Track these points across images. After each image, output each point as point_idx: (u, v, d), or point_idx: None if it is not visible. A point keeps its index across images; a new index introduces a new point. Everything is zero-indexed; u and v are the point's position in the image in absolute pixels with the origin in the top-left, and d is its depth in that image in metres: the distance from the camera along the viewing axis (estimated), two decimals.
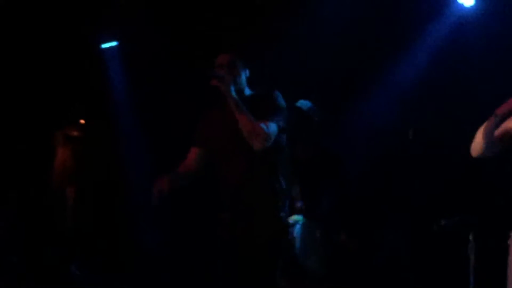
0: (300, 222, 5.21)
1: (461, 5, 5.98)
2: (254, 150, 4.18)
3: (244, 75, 4.41)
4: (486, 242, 5.15)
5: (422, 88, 6.19)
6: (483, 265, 5.09)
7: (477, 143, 3.93)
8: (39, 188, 7.10)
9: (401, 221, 6.17)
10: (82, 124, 7.20)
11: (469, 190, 5.79)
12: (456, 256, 5.31)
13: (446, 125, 6.05)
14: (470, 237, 5.11)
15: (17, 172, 7.12)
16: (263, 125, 4.15)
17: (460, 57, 6.06)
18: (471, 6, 5.95)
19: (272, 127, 4.20)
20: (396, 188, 6.24)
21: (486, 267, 5.12)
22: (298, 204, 5.33)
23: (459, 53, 6.09)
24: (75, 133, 7.21)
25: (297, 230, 5.19)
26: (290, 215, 4.53)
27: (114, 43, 7.25)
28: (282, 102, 4.36)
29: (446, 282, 5.72)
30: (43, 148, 7.15)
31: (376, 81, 6.41)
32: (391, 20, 6.24)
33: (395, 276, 6.10)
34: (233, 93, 4.22)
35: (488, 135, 3.87)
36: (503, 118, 3.82)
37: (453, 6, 6.06)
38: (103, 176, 7.25)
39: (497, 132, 3.86)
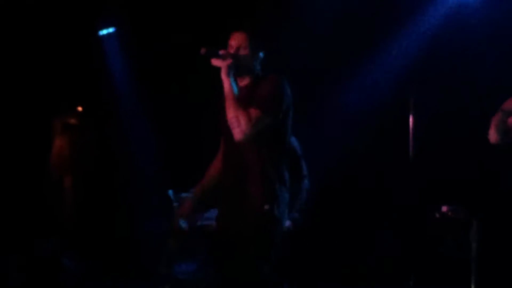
0: None
1: None
2: (235, 139, 4.09)
3: (256, 57, 4.24)
4: (488, 229, 5.11)
5: (418, 75, 6.16)
6: (485, 252, 5.05)
7: (492, 134, 3.92)
8: (37, 176, 7.08)
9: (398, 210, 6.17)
10: (80, 112, 7.17)
11: (469, 179, 5.75)
12: (457, 243, 5.27)
13: (443, 115, 6.02)
14: (473, 224, 5.06)
15: (15, 160, 7.09)
16: (249, 116, 4.02)
17: (458, 44, 6.01)
18: None
19: (261, 118, 4.06)
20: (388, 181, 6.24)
21: (488, 254, 5.09)
22: None
23: (457, 40, 6.04)
24: (73, 121, 7.18)
25: None
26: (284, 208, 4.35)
27: (112, 29, 7.19)
28: (280, 88, 4.20)
29: (447, 270, 5.69)
30: (41, 136, 7.13)
31: (369, 68, 6.38)
32: (386, 5, 6.19)
33: (394, 266, 6.08)
34: (230, 76, 4.10)
35: (500, 128, 3.86)
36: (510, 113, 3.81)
37: None
38: (101, 164, 7.22)
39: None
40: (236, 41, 4.15)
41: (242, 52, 4.12)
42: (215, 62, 4.07)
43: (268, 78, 4.15)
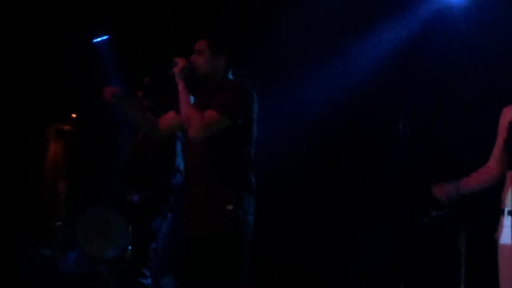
0: None
1: None
2: (188, 137, 4.19)
3: (217, 61, 4.33)
4: (478, 234, 5.15)
5: (405, 74, 6.17)
6: (474, 256, 5.08)
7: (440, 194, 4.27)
8: (31, 183, 7.12)
9: (386, 215, 6.18)
10: (74, 118, 7.22)
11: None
12: (446, 247, 5.31)
13: (430, 117, 6.04)
14: (461, 229, 5.10)
15: (9, 167, 7.13)
16: (202, 117, 4.11)
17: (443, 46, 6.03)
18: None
19: (216, 121, 4.14)
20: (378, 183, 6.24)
21: (477, 258, 5.12)
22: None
23: (441, 44, 6.06)
24: (67, 128, 7.25)
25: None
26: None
27: (105, 37, 7.25)
28: (243, 95, 4.27)
29: (436, 275, 5.72)
30: (35, 142, 7.18)
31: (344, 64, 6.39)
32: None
33: (383, 272, 6.10)
34: (182, 78, 4.22)
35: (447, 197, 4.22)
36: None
37: None
38: (95, 170, 7.26)
39: None
40: (196, 47, 4.28)
41: (201, 57, 4.24)
42: (173, 69, 4.22)
43: (232, 84, 4.25)
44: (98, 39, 7.27)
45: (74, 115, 7.13)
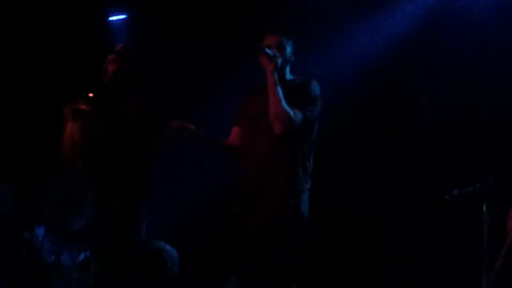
0: None
1: None
2: (275, 132, 4.23)
3: (289, 60, 4.48)
4: (501, 212, 5.13)
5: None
6: (496, 235, 5.05)
7: None
8: (48, 164, 7.09)
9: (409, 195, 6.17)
10: (90, 98, 7.16)
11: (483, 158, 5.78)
12: (469, 226, 5.28)
13: (455, 86, 6.01)
14: (484, 207, 5.07)
15: (25, 147, 7.12)
16: (291, 111, 4.21)
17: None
18: None
19: (299, 116, 4.25)
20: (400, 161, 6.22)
21: (500, 236, 5.10)
22: None
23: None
24: (83, 107, 7.18)
25: None
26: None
27: (122, 16, 7.22)
28: (317, 92, 4.41)
29: (459, 253, 5.70)
30: (52, 123, 7.13)
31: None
32: None
33: (406, 250, 6.09)
34: (276, 74, 4.28)
35: None
36: None
37: None
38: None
39: None
40: (271, 42, 4.31)
41: (282, 51, 4.32)
42: (264, 60, 4.23)
43: (307, 80, 4.36)
44: (115, 18, 7.23)
45: (91, 95, 7.07)
